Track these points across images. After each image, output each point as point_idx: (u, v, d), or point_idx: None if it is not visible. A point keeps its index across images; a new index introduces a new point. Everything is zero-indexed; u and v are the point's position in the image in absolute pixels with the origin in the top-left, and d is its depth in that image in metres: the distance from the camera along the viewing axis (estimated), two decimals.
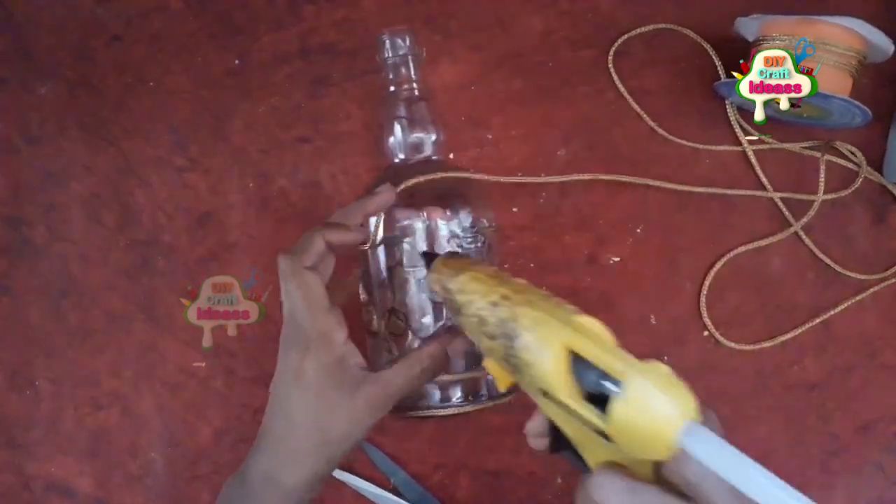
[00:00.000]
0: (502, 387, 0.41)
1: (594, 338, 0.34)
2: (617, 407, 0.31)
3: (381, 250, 0.50)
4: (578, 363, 0.34)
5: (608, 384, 0.32)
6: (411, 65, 0.54)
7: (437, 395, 0.50)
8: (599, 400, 0.32)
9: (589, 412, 0.33)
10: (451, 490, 0.60)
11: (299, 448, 0.44)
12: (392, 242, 0.50)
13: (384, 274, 0.50)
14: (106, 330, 0.61)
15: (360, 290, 0.53)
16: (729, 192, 0.59)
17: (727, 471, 0.29)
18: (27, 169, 0.62)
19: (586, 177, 0.58)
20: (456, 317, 0.42)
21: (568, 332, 0.34)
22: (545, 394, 0.36)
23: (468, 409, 0.50)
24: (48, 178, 0.62)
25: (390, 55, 0.53)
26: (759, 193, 0.59)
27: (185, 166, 0.62)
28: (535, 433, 0.40)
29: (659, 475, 0.33)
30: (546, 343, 0.34)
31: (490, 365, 0.41)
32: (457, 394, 0.50)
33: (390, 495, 0.59)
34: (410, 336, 0.50)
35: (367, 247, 0.50)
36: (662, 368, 0.31)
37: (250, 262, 0.61)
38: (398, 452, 0.60)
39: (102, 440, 0.61)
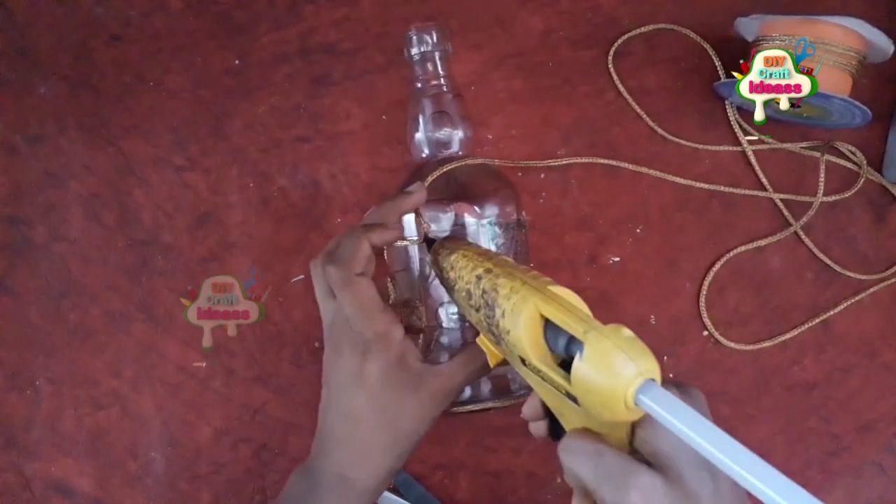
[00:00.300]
0: (493, 362, 0.43)
1: (565, 304, 0.35)
2: (577, 366, 0.32)
3: (420, 248, 0.50)
4: (550, 329, 0.35)
5: (574, 349, 0.33)
6: (438, 60, 0.53)
7: (467, 390, 0.50)
8: (569, 367, 0.33)
9: (557, 375, 0.34)
10: (451, 490, 0.59)
11: (370, 447, 0.45)
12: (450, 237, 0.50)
13: (430, 269, 0.50)
14: (106, 330, 0.61)
15: (393, 290, 0.52)
16: (729, 189, 0.59)
17: (682, 430, 0.29)
18: (27, 169, 0.62)
19: (588, 160, 0.59)
20: (451, 294, 0.44)
21: (539, 298, 0.36)
22: (523, 362, 0.37)
23: (519, 399, 0.50)
24: (48, 177, 0.62)
25: (417, 51, 0.53)
26: (759, 194, 0.59)
27: (185, 166, 0.61)
28: (530, 415, 0.41)
29: (633, 447, 0.34)
30: (520, 309, 0.36)
31: (482, 341, 0.43)
32: (485, 389, 0.50)
33: (391, 495, 0.59)
34: (451, 330, 0.50)
35: (413, 243, 0.50)
36: (625, 332, 0.32)
37: (250, 262, 0.61)
38: None
39: (102, 440, 0.61)
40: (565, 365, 0.35)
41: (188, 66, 0.62)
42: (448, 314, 0.50)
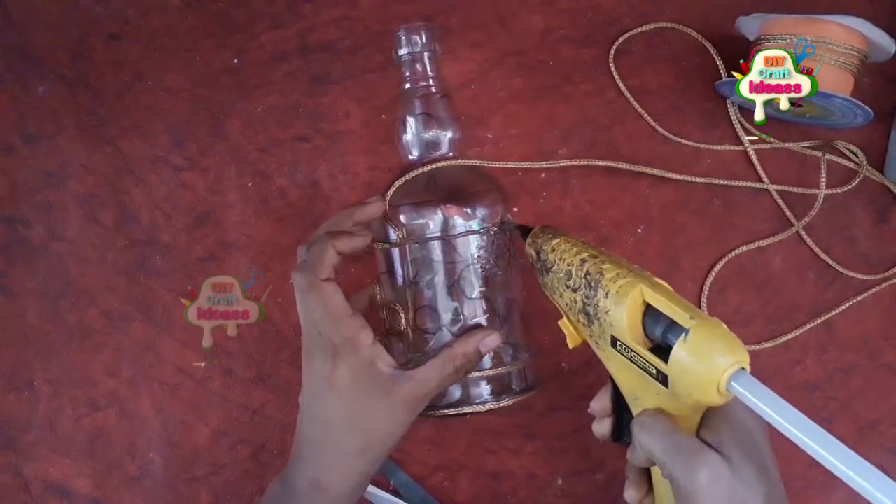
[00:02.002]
0: (572, 344, 0.46)
1: (668, 293, 0.39)
2: (679, 347, 0.36)
3: (406, 249, 0.50)
4: (650, 315, 0.40)
5: (671, 336, 0.37)
6: (427, 61, 0.53)
7: (457, 392, 0.50)
8: (660, 351, 0.38)
9: (652, 357, 0.38)
10: (451, 492, 0.59)
11: (343, 452, 0.45)
12: (423, 241, 0.50)
13: (412, 272, 0.50)
14: (104, 330, 0.61)
15: (378, 291, 0.52)
16: (727, 182, 0.59)
17: (771, 416, 0.33)
18: (25, 168, 0.62)
19: (583, 162, 0.59)
20: (543, 277, 0.47)
21: (646, 284, 0.40)
22: (614, 342, 0.40)
23: (495, 405, 0.49)
24: (46, 177, 0.62)
25: (406, 51, 0.53)
26: (757, 185, 0.59)
27: (184, 165, 0.61)
28: (599, 411, 0.45)
29: (698, 435, 0.38)
30: (626, 293, 0.40)
31: (564, 324, 0.46)
32: (478, 391, 0.50)
33: (390, 497, 0.58)
34: (435, 334, 0.50)
35: (392, 246, 0.50)
36: (723, 325, 0.36)
37: (249, 262, 0.60)
38: (398, 454, 0.59)
39: (100, 441, 0.60)
40: (655, 350, 0.39)
41: (187, 65, 0.62)
42: (431, 318, 0.50)
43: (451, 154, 0.53)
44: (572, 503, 0.59)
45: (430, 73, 0.53)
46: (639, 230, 0.60)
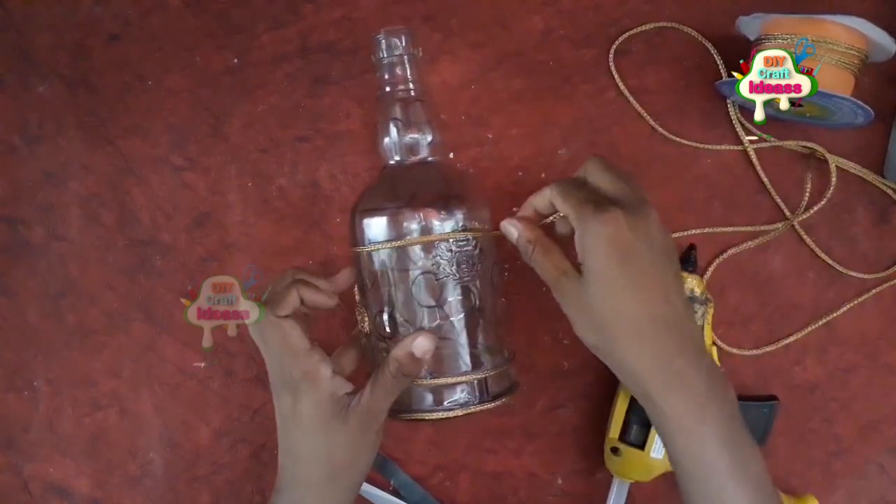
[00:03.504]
0: None
1: None
2: None
3: (367, 254, 0.50)
4: None
5: None
6: (407, 65, 0.53)
7: (429, 397, 0.49)
8: None
9: None
10: (452, 492, 0.59)
11: (314, 482, 0.47)
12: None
13: (371, 278, 0.50)
14: (104, 330, 0.61)
15: (354, 291, 0.52)
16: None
17: None
18: (25, 168, 0.62)
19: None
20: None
21: None
22: None
23: (460, 413, 0.49)
24: (46, 177, 0.62)
25: (385, 55, 0.52)
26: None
27: (184, 166, 0.61)
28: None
29: None
30: None
31: None
32: (452, 397, 0.49)
33: (391, 497, 0.58)
34: (392, 338, 0.49)
35: (358, 250, 0.50)
36: None
37: (249, 262, 0.60)
38: (398, 454, 0.59)
39: (101, 441, 0.60)
40: None
41: (187, 66, 0.62)
42: (387, 323, 0.50)
43: (430, 158, 0.52)
44: (572, 503, 0.59)
45: (409, 77, 0.52)
46: None
